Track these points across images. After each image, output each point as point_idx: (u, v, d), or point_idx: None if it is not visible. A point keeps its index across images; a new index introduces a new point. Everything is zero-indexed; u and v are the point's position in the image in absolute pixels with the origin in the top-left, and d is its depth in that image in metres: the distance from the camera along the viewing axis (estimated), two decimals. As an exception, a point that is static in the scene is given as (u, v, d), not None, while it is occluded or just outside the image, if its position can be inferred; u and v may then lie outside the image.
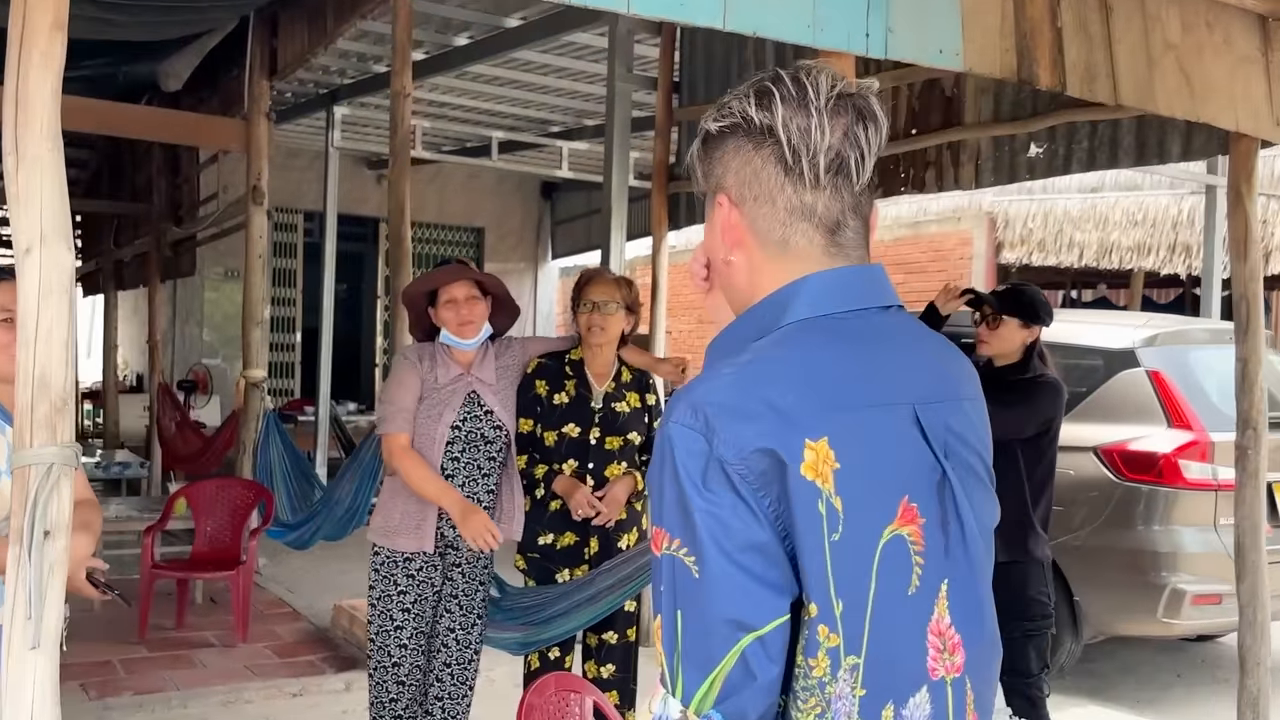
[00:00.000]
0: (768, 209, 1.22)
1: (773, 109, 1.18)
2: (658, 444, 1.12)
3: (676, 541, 1.07)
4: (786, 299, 1.20)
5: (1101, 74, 2.78)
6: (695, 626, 1.05)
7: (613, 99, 5.63)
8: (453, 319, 3.29)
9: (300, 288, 12.91)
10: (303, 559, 6.89)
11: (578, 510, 3.34)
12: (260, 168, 6.87)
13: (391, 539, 3.30)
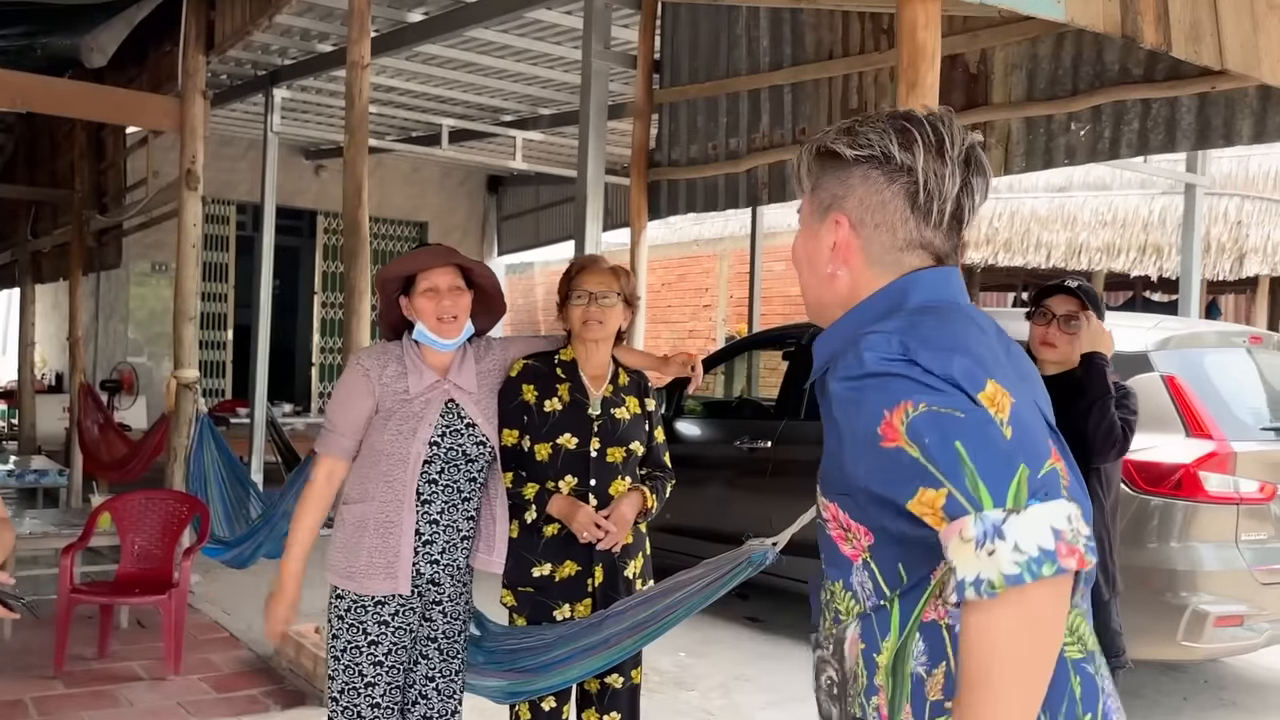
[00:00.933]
0: (887, 237, 1.36)
1: (914, 151, 1.32)
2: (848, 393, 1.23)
3: (923, 404, 1.17)
4: (904, 289, 1.35)
5: (1206, 34, 2.42)
6: (983, 453, 1.14)
7: (588, 79, 5.17)
8: (431, 311, 2.78)
9: (232, 283, 12.30)
10: (239, 576, 6.32)
11: (582, 534, 2.86)
12: (195, 150, 6.31)
13: (359, 581, 2.77)
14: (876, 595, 1.31)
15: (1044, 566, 1.10)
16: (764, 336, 7.34)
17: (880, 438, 1.19)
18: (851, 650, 1.33)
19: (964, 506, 1.13)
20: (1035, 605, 1.11)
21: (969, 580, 1.12)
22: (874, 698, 1.30)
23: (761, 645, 5.82)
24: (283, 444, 8.80)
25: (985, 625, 1.13)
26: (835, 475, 1.32)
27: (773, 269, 12.39)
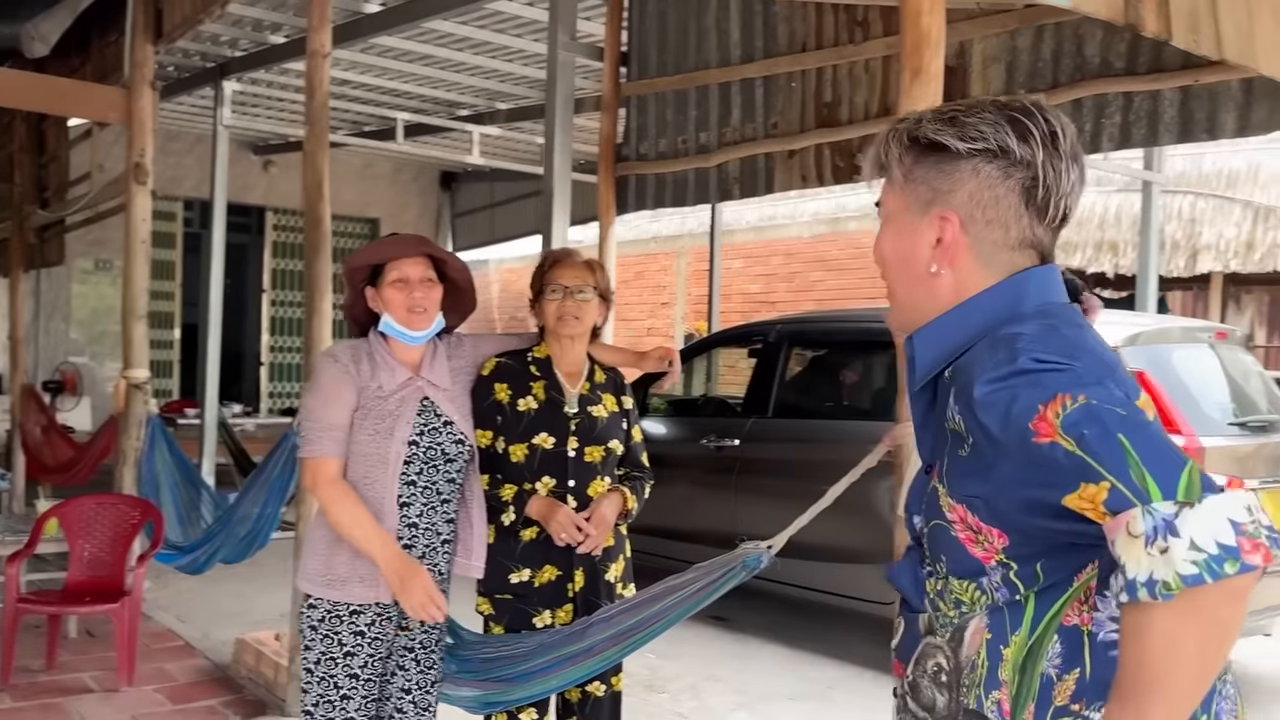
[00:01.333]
0: (1000, 234, 1.31)
1: (1031, 144, 1.26)
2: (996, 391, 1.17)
3: (1081, 396, 1.11)
4: (1019, 288, 1.30)
5: (1205, 23, 2.38)
6: (1147, 445, 1.08)
7: (554, 71, 5.06)
8: (401, 302, 2.65)
9: (179, 281, 12.03)
10: (192, 582, 6.14)
11: (561, 535, 2.76)
12: (144, 143, 6.09)
13: (339, 590, 2.63)
14: (1010, 592, 1.24)
15: (1226, 565, 1.02)
16: (731, 334, 7.28)
17: (1033, 433, 1.13)
18: (974, 639, 1.26)
19: (1129, 500, 1.07)
20: (1215, 609, 1.04)
21: (1140, 580, 1.05)
22: (995, 692, 1.23)
23: (730, 645, 5.77)
24: (234, 446, 8.60)
25: (1153, 629, 1.06)
26: (964, 478, 1.25)
27: (731, 266, 12.36)
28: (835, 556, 5.17)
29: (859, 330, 6.08)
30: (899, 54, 4.23)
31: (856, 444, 5.47)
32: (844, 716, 4.77)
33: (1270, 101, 3.29)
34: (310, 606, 2.68)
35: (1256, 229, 9.39)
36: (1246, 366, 5.45)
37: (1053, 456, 1.11)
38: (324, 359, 2.75)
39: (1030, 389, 1.15)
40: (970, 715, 1.26)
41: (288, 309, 12.62)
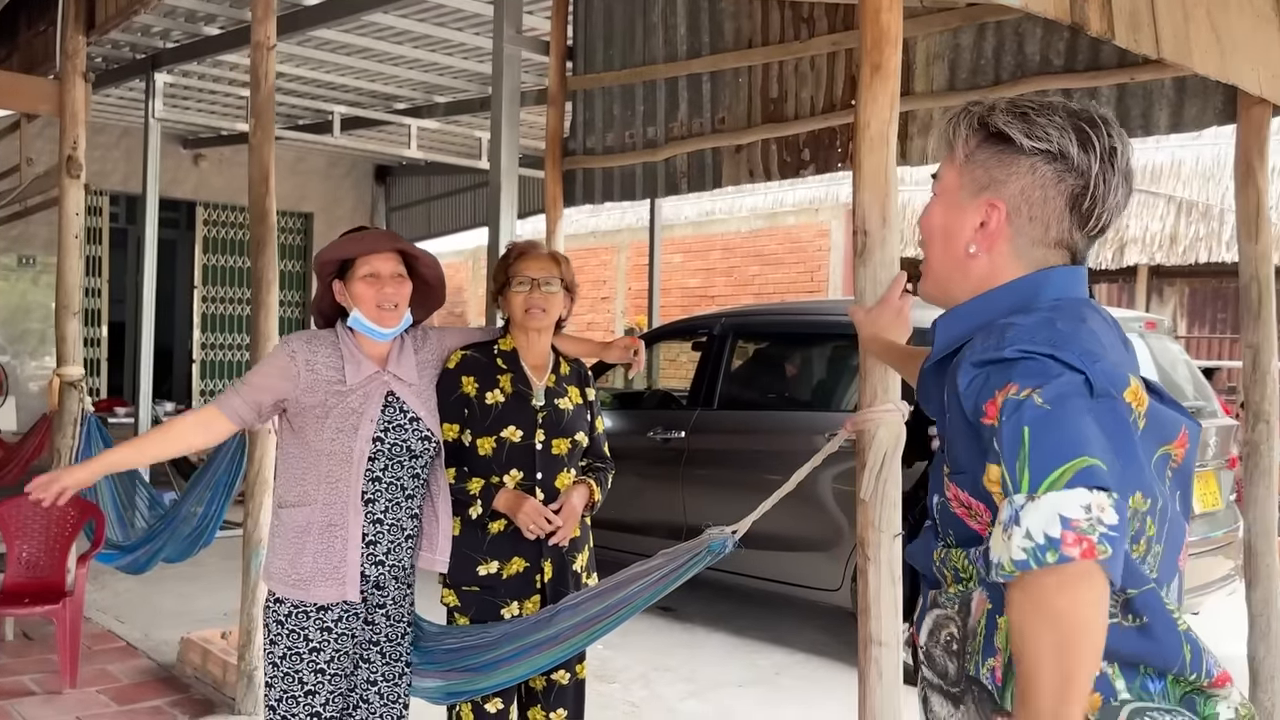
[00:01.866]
0: (1040, 231, 1.37)
1: (1090, 155, 1.33)
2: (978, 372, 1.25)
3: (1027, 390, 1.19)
4: (1039, 284, 1.37)
5: (1145, 22, 2.47)
6: (1044, 441, 1.16)
7: (500, 65, 5.05)
8: (371, 297, 2.64)
9: (106, 277, 11.75)
10: (131, 583, 6.04)
11: (530, 527, 2.78)
12: (76, 135, 5.97)
13: (304, 589, 2.62)
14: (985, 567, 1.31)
15: (1047, 554, 1.10)
16: (676, 327, 7.33)
17: (983, 414, 1.22)
18: (979, 609, 1.33)
19: (1008, 487, 1.17)
20: (1047, 597, 1.11)
21: (994, 560, 1.16)
22: (990, 659, 1.30)
23: (679, 635, 5.82)
24: (169, 444, 8.45)
25: (1011, 608, 1.16)
26: (954, 455, 1.33)
27: (671, 261, 12.43)
28: (781, 545, 5.25)
29: (802, 323, 6.17)
30: (845, 51, 4.34)
31: (800, 434, 5.61)
32: (791, 701, 4.86)
33: (1201, 100, 3.41)
34: (276, 601, 2.66)
35: (1179, 223, 9.69)
36: (1174, 355, 5.64)
37: (989, 438, 1.21)
38: (279, 344, 2.75)
39: (997, 374, 1.22)
40: (971, 681, 1.33)
41: (220, 305, 12.40)
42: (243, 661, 4.25)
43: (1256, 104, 3.20)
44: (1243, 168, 3.27)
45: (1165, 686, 1.28)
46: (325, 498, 2.63)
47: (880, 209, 2.20)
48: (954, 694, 1.36)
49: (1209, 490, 5.20)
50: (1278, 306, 3.33)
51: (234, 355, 12.45)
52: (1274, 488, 3.28)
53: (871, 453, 2.19)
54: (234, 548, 4.79)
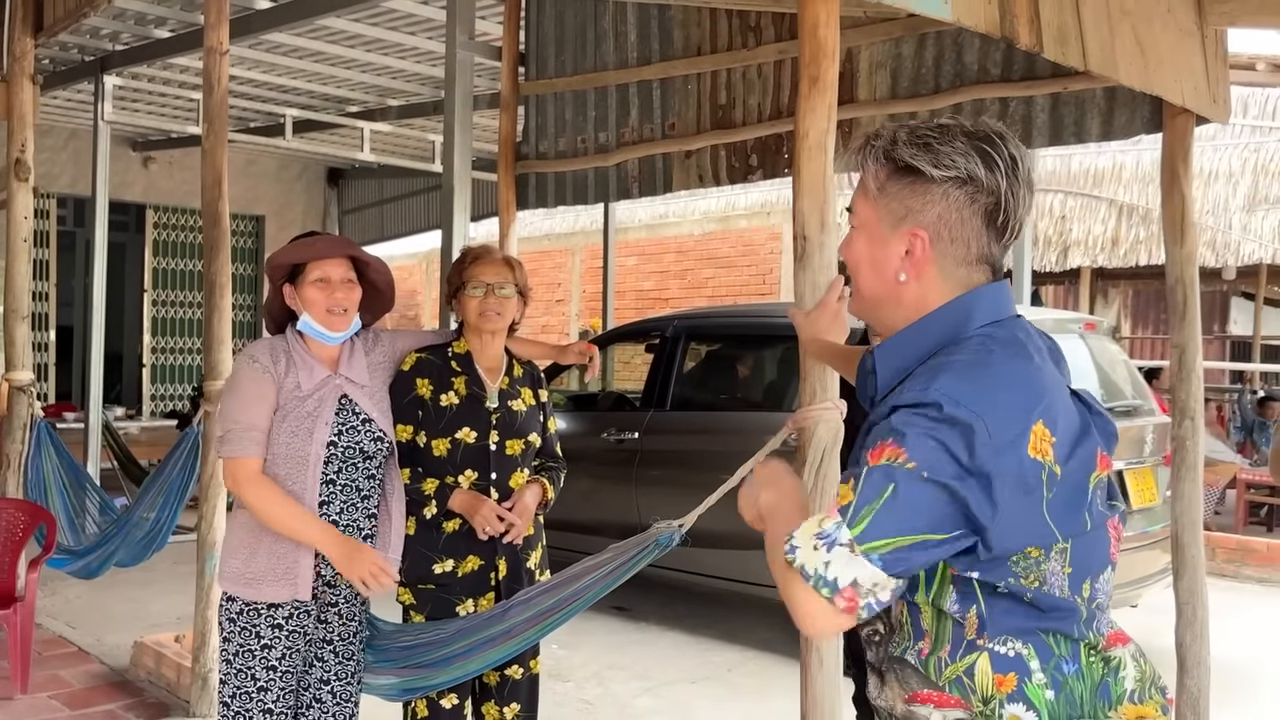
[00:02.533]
0: (962, 251, 1.45)
1: (997, 174, 1.42)
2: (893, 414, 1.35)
3: (904, 454, 1.30)
4: (968, 309, 1.44)
5: (1072, 36, 2.58)
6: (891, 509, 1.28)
7: (453, 70, 5.10)
8: (321, 302, 2.68)
9: (53, 280, 11.60)
10: (82, 588, 6.01)
11: (485, 527, 2.84)
12: (24, 138, 5.94)
13: (256, 588, 2.66)
14: None
15: (824, 589, 1.28)
16: (629, 329, 7.41)
17: (870, 451, 1.34)
18: (898, 606, 1.46)
19: (847, 514, 1.30)
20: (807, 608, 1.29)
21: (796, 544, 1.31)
22: (919, 642, 1.43)
23: (631, 634, 5.89)
24: (119, 449, 8.38)
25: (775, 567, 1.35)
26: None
27: (625, 263, 12.50)
28: (733, 543, 5.33)
29: (753, 325, 6.27)
30: (791, 59, 4.44)
31: (752, 434, 5.65)
32: (743, 697, 4.94)
33: (1129, 109, 3.55)
34: (229, 600, 2.71)
35: (1121, 226, 9.93)
36: (1113, 355, 5.80)
37: (856, 471, 1.34)
38: (243, 359, 2.75)
39: (902, 423, 1.33)
40: (894, 660, 1.46)
41: (170, 309, 12.29)
42: (197, 664, 4.26)
43: (1180, 114, 3.33)
44: (1168, 175, 3.40)
45: (1079, 668, 1.40)
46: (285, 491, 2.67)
47: (819, 215, 2.29)
48: (881, 672, 1.50)
49: (1146, 486, 5.37)
50: (1203, 308, 3.47)
51: (185, 359, 12.35)
52: (1199, 482, 3.41)
53: (812, 449, 2.27)
54: (187, 552, 4.80)
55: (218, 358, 4.28)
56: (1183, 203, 3.36)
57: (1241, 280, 12.24)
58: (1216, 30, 3.29)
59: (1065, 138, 3.68)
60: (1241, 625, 6.07)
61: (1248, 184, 9.45)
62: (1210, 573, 5.28)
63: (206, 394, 4.32)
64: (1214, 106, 3.32)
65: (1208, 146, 9.49)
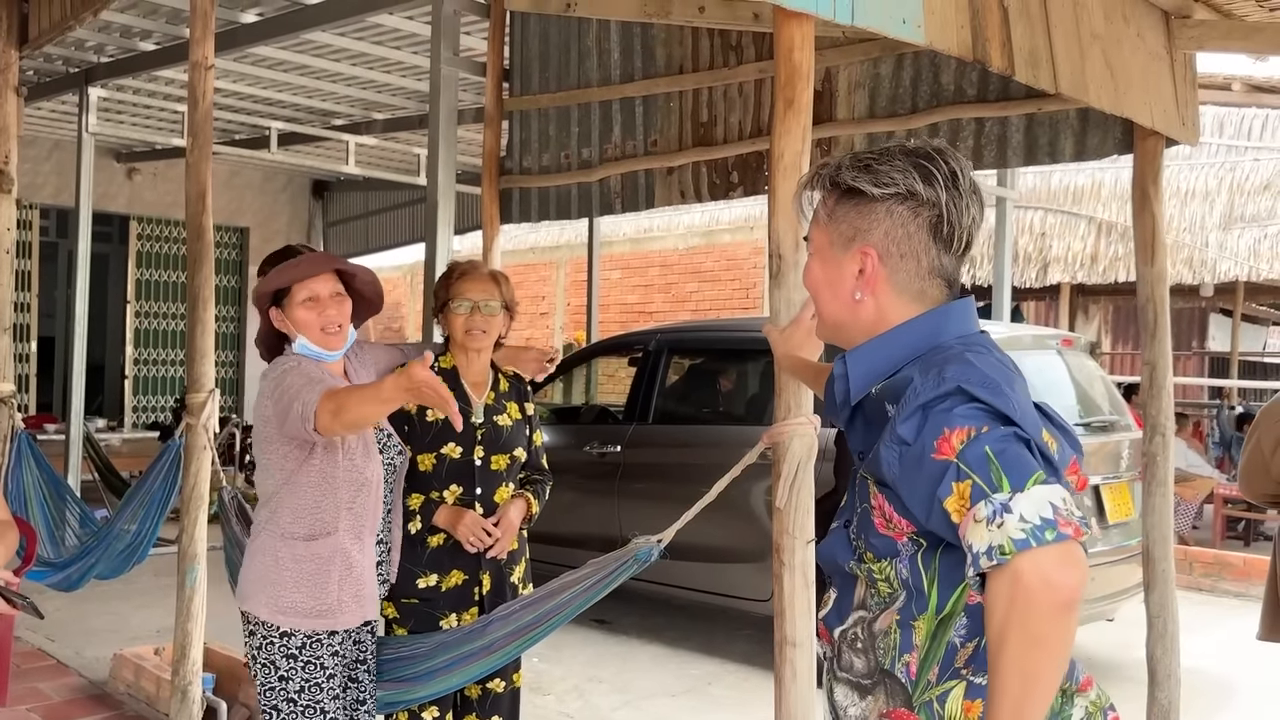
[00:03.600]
0: (912, 265, 1.51)
1: (936, 187, 1.47)
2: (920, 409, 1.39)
3: (984, 428, 1.34)
4: (940, 321, 1.51)
5: (1043, 59, 2.63)
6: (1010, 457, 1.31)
7: (438, 85, 5.13)
8: (314, 321, 2.59)
9: (35, 291, 11.57)
10: (62, 600, 5.97)
11: (469, 541, 2.86)
12: (8, 149, 5.92)
13: (331, 618, 2.59)
14: (914, 575, 1.45)
15: (1046, 532, 1.25)
16: (612, 343, 7.44)
17: (935, 450, 1.36)
18: (887, 618, 1.47)
19: (984, 492, 1.30)
20: (1045, 566, 1.25)
21: (981, 550, 1.27)
22: (906, 655, 1.44)
23: (612, 647, 5.91)
24: (101, 461, 8.36)
25: (1000, 589, 1.27)
26: (885, 473, 1.44)
27: (609, 277, 12.54)
28: (713, 556, 5.37)
29: (735, 339, 6.31)
30: (771, 78, 4.48)
31: (733, 448, 5.67)
32: (723, 709, 4.97)
33: (1102, 130, 3.61)
34: (285, 636, 2.59)
35: (1100, 242, 10.03)
36: (1090, 371, 5.86)
37: (944, 469, 1.34)
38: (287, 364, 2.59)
39: (944, 415, 1.37)
40: (884, 674, 1.47)
41: (153, 320, 12.26)
42: (177, 677, 4.25)
43: (1150, 135, 3.39)
44: (1139, 195, 3.46)
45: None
46: (347, 525, 2.62)
47: (794, 234, 2.33)
48: (863, 686, 1.50)
49: (1123, 500, 5.42)
50: (1182, 324, 3.53)
51: (167, 371, 12.32)
52: (1169, 497, 3.46)
53: (786, 463, 2.31)
54: (167, 564, 4.79)
55: (200, 370, 4.28)
56: (1153, 222, 3.42)
57: (1219, 297, 12.36)
58: (1185, 54, 3.36)
59: (1040, 158, 3.74)
60: (1218, 639, 6.13)
61: (1224, 203, 9.57)
62: (1188, 587, 5.34)
63: (189, 406, 4.32)
64: (1183, 129, 3.38)
65: (1184, 166, 9.60)
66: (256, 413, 2.66)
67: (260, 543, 2.65)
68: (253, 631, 2.62)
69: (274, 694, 2.58)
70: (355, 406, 2.36)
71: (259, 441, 2.66)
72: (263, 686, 2.60)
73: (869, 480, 1.50)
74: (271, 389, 2.57)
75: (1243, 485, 2.77)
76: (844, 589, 1.58)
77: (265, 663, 2.60)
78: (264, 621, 2.60)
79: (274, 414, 2.54)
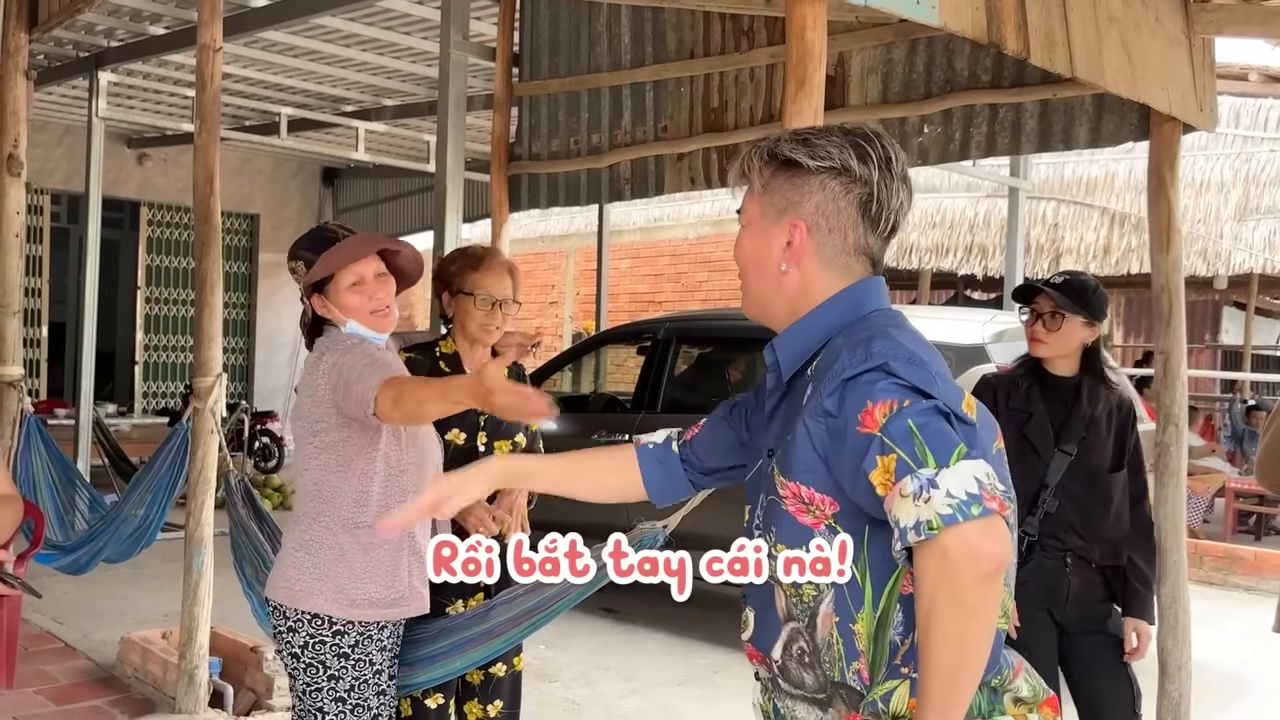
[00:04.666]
0: (839, 241, 1.52)
1: (869, 165, 1.49)
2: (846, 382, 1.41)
3: (906, 402, 1.35)
4: (860, 296, 1.54)
5: (1059, 43, 2.60)
6: (929, 429, 1.33)
7: (446, 71, 5.11)
8: (363, 306, 2.50)
9: (46, 276, 11.59)
10: (70, 584, 6.00)
11: (477, 529, 2.84)
12: (17, 133, 5.93)
13: (402, 606, 2.52)
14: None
15: (973, 507, 1.27)
16: (621, 332, 7.42)
17: (859, 423, 1.37)
18: (825, 623, 1.44)
19: (909, 466, 1.31)
20: (969, 539, 1.27)
21: (909, 525, 1.29)
22: (855, 662, 1.43)
23: (619, 635, 5.90)
24: (110, 446, 8.37)
25: (928, 563, 1.29)
26: (798, 457, 1.45)
27: (619, 266, 12.51)
28: (722, 545, 5.34)
29: (744, 328, 6.28)
30: (782, 63, 4.45)
31: (741, 437, 5.70)
32: (729, 698, 4.95)
33: (1117, 117, 3.57)
34: (338, 633, 2.49)
35: (1113, 234, 9.95)
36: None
37: (868, 442, 1.35)
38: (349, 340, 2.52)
39: (867, 388, 1.38)
40: (837, 686, 1.44)
41: (164, 306, 12.28)
42: (183, 660, 4.26)
43: (1167, 121, 3.35)
44: (1154, 182, 3.42)
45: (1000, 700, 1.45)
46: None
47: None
48: (821, 699, 1.47)
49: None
50: (1195, 317, 3.49)
51: (178, 357, 12.33)
52: (1182, 488, 3.43)
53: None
54: (174, 549, 4.80)
55: (207, 354, 4.29)
56: (1169, 210, 3.37)
57: (1233, 290, 12.27)
58: (1204, 39, 3.32)
59: (1054, 144, 3.70)
60: (1228, 633, 6.09)
61: (1239, 194, 9.48)
62: (1198, 580, 5.30)
63: (196, 390, 4.32)
64: (1200, 115, 3.34)
65: (1199, 156, 9.52)
66: (307, 394, 2.53)
67: (315, 535, 2.52)
68: (293, 628, 2.49)
69: (321, 694, 2.48)
70: (417, 404, 2.29)
71: (309, 425, 2.53)
72: (308, 686, 2.49)
73: (774, 471, 1.50)
74: (331, 367, 2.46)
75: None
76: (763, 606, 1.56)
77: (312, 662, 2.48)
78: (318, 616, 2.48)
79: (333, 393, 2.44)
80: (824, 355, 1.49)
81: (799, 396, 1.51)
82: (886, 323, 1.49)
